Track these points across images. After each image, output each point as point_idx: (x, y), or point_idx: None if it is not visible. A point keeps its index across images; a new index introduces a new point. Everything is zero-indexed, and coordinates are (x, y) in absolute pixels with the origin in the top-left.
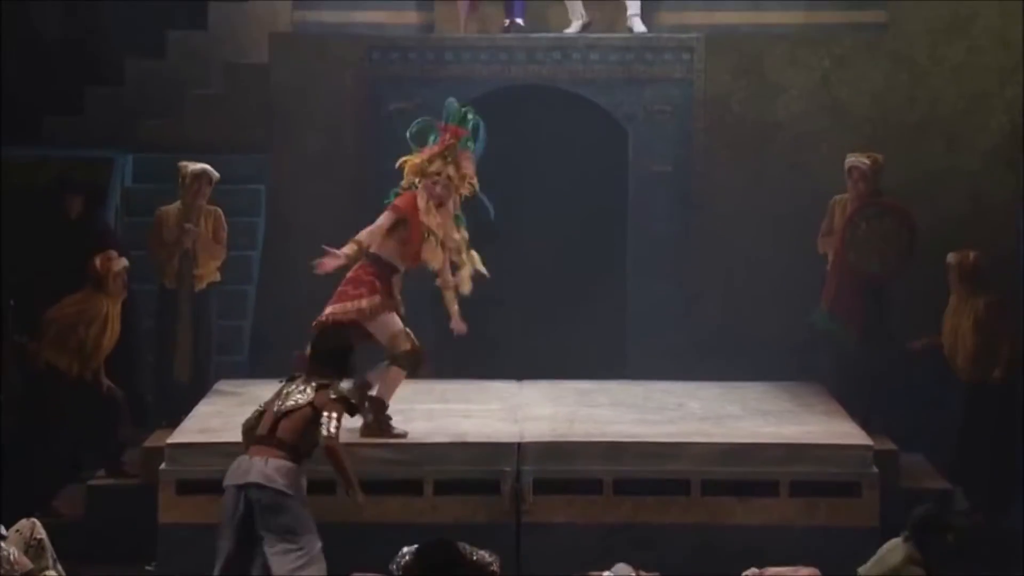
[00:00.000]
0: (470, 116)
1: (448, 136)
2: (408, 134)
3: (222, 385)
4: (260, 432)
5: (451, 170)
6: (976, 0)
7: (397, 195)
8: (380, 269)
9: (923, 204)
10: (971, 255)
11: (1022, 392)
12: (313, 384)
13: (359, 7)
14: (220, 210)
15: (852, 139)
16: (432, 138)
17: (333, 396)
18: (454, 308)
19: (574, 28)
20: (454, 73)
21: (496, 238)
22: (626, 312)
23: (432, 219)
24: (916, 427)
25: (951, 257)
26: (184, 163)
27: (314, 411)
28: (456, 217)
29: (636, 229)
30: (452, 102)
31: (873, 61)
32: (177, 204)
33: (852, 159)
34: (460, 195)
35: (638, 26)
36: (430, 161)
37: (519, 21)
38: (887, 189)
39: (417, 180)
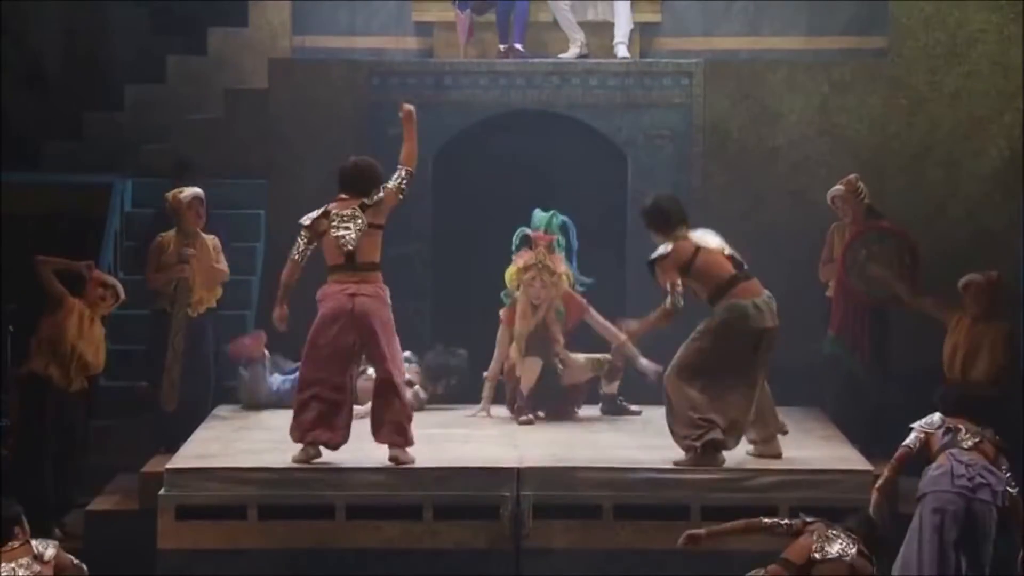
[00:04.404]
0: (555, 219)
1: (538, 244)
2: (513, 248)
3: (221, 410)
4: None
5: (545, 274)
6: (975, 26)
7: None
8: None
9: (922, 229)
10: (994, 274)
11: (1021, 418)
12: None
13: (358, 33)
14: (216, 238)
15: (851, 164)
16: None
17: None
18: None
19: (572, 53)
20: (453, 98)
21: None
22: None
23: (524, 324)
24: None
25: (975, 275)
26: (174, 191)
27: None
28: (558, 312)
29: (635, 254)
30: (537, 212)
31: (872, 87)
32: (173, 232)
33: (830, 192)
34: (559, 291)
35: (622, 52)
36: (525, 269)
37: (518, 47)
38: (885, 214)
39: (516, 287)
